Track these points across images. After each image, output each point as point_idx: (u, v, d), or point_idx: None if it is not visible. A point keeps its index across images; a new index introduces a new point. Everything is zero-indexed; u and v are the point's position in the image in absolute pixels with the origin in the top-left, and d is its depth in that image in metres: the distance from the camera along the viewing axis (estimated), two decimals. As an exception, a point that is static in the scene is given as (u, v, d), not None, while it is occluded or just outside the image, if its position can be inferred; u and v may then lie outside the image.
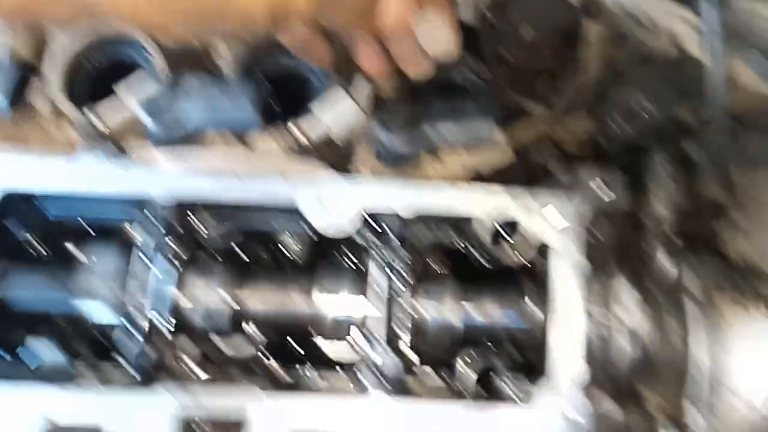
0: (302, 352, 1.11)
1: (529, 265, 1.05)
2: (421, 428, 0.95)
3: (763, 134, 1.04)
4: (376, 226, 1.01)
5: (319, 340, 1.09)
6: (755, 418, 0.97)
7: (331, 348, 1.10)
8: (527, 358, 1.06)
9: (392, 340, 1.00)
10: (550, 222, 1.01)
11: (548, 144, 1.23)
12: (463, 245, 1.06)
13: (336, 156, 1.19)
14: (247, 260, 1.09)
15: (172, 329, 1.00)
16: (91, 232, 1.09)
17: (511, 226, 1.02)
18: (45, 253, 1.08)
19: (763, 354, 0.93)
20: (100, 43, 1.30)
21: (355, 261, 1.09)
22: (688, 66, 0.97)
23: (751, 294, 0.97)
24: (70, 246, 1.07)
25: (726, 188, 1.03)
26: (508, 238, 1.02)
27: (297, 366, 1.08)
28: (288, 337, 1.11)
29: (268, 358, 1.09)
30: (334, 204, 1.00)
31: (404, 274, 1.02)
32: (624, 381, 1.00)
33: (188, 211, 1.01)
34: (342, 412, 0.95)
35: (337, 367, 1.07)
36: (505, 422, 0.95)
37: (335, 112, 1.17)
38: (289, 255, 1.08)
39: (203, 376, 1.00)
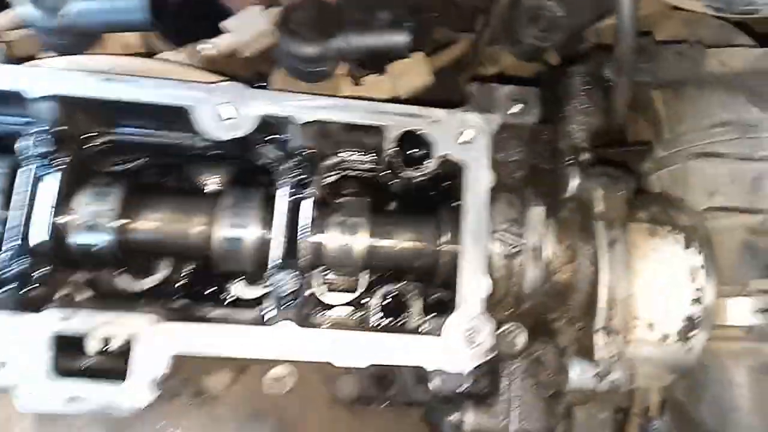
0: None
1: (437, 182, 1.00)
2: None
3: (678, 53, 1.01)
4: (271, 132, 0.95)
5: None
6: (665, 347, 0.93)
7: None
8: (437, 283, 1.02)
9: (293, 264, 0.95)
10: (461, 138, 0.96)
11: (468, 67, 1.19)
12: (369, 159, 1.01)
13: (248, 72, 1.13)
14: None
15: (56, 254, 0.93)
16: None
17: (420, 141, 0.97)
18: None
19: (673, 280, 0.89)
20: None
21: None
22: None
23: (666, 223, 0.93)
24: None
25: (637, 109, 1.00)
26: (415, 151, 0.97)
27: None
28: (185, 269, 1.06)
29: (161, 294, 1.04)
30: (230, 110, 0.93)
31: (306, 191, 0.96)
32: (530, 305, 0.96)
33: (74, 110, 0.93)
34: (238, 339, 0.89)
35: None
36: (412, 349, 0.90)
37: (246, 26, 1.11)
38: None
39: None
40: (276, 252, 0.95)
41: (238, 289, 1.08)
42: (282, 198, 0.97)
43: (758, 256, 0.96)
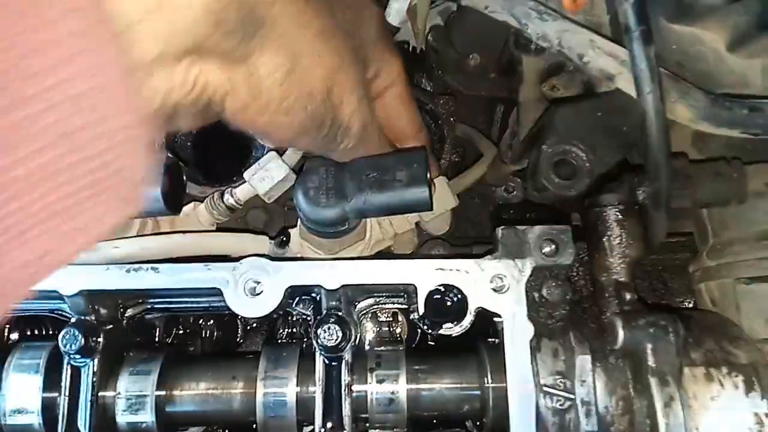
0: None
1: (473, 337, 0.97)
2: None
3: (716, 174, 0.95)
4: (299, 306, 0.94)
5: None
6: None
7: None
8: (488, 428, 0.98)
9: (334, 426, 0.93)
10: (494, 288, 0.93)
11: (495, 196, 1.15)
12: (403, 316, 0.98)
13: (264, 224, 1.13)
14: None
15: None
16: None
17: (455, 294, 0.94)
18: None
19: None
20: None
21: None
22: (625, 105, 0.88)
23: (723, 363, 0.88)
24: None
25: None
26: (449, 305, 0.94)
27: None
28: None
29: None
30: (256, 284, 0.92)
31: (342, 352, 0.94)
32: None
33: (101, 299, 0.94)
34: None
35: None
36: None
37: (267, 178, 1.10)
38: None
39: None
40: (319, 411, 0.94)
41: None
42: (319, 362, 0.96)
43: (829, 388, 0.89)
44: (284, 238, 1.06)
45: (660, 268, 1.25)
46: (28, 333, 1.14)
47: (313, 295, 0.98)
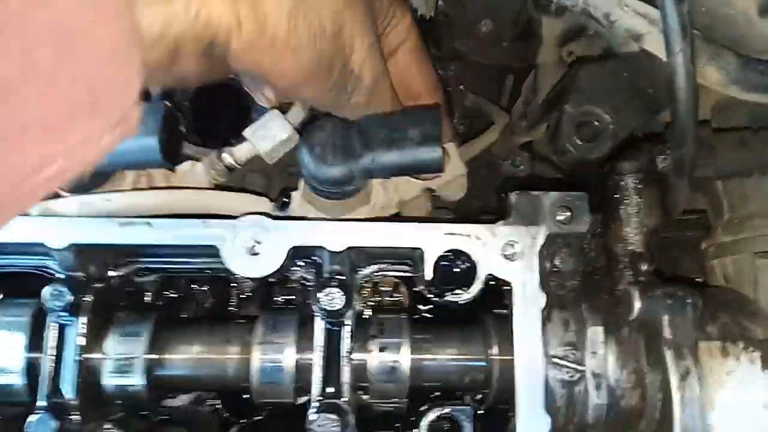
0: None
1: (482, 304, 0.93)
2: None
3: (740, 143, 0.91)
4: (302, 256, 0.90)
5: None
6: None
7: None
8: (491, 401, 0.95)
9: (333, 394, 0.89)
10: (506, 254, 0.89)
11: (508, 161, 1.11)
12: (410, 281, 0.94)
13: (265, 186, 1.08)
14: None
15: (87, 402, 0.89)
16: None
17: (463, 260, 0.90)
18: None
19: (753, 408, 0.81)
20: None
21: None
22: (650, 67, 0.84)
23: (739, 338, 0.84)
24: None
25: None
26: (456, 272, 0.90)
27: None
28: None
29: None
30: (256, 244, 0.87)
31: (343, 317, 0.90)
32: (593, 433, 0.88)
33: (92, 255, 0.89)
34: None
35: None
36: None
37: (267, 135, 1.05)
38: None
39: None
40: (317, 378, 0.90)
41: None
42: (319, 327, 0.91)
43: None
44: (286, 200, 1.01)
45: (670, 245, 1.21)
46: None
47: (315, 258, 0.93)
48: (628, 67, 0.87)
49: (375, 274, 0.99)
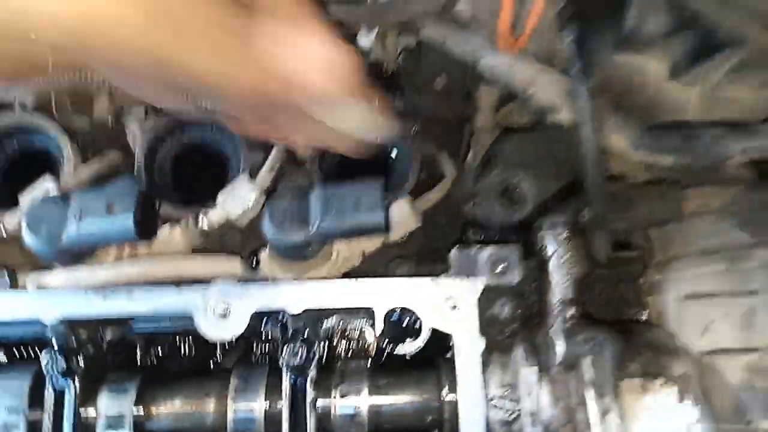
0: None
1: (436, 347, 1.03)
2: None
3: (656, 196, 1.01)
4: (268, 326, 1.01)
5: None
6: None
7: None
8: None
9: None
10: (448, 306, 0.99)
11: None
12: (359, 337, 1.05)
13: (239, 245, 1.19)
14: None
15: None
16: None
17: (410, 314, 1.01)
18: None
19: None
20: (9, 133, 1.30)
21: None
22: (566, 136, 0.94)
23: (659, 375, 0.94)
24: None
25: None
26: (404, 325, 1.01)
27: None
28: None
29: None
30: (225, 308, 0.99)
31: (305, 370, 1.01)
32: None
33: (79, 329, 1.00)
34: None
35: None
36: None
37: (235, 200, 1.16)
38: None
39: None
40: (285, 427, 1.00)
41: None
42: (286, 380, 1.02)
43: (758, 396, 0.96)
44: (255, 260, 1.12)
45: (615, 279, 1.31)
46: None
47: (280, 316, 1.04)
48: (546, 137, 0.98)
49: (338, 325, 1.10)
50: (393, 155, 1.41)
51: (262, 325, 1.06)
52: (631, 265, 1.24)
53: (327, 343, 1.11)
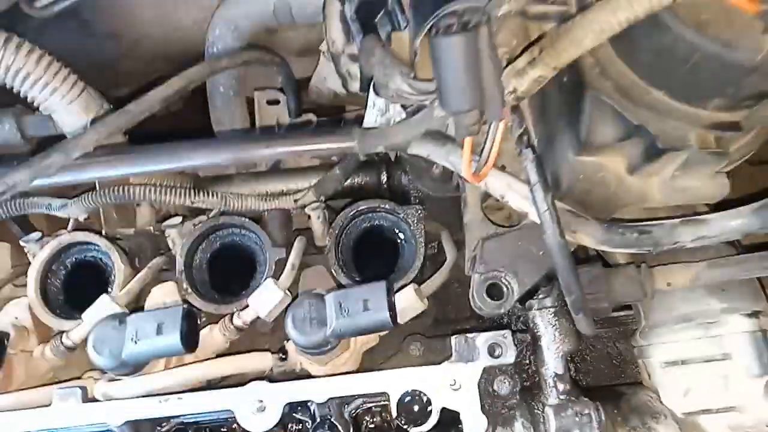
0: None
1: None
2: None
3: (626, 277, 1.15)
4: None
5: None
6: None
7: None
8: None
9: None
10: (453, 389, 1.13)
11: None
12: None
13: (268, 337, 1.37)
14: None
15: None
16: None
17: (420, 396, 1.15)
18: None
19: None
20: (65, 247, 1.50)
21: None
22: (539, 235, 1.08)
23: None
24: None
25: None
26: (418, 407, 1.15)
27: None
28: None
29: None
30: (261, 406, 1.15)
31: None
32: None
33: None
34: None
35: None
36: None
37: (264, 302, 1.34)
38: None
39: None
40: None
41: None
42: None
43: (740, 452, 1.06)
44: (282, 355, 1.29)
45: (614, 338, 1.43)
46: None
47: (308, 404, 1.20)
48: (522, 236, 1.12)
49: (361, 406, 1.26)
50: (401, 237, 1.57)
51: (295, 412, 1.21)
52: (629, 325, 1.36)
53: (354, 422, 1.26)
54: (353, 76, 1.46)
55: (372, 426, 1.33)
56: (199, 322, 1.33)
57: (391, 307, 1.14)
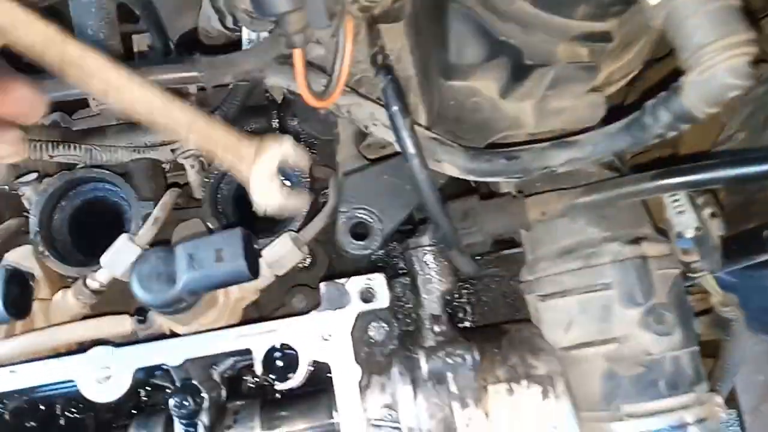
0: None
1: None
2: None
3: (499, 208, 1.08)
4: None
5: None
6: None
7: None
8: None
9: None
10: (323, 338, 1.04)
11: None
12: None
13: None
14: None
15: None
16: None
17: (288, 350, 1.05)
18: None
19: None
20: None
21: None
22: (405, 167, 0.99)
23: (524, 377, 1.00)
24: None
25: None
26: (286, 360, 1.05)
27: None
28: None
29: None
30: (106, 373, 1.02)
31: (198, 416, 1.05)
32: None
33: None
34: None
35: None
36: None
37: (118, 261, 1.19)
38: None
39: None
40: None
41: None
42: (178, 428, 1.06)
43: (620, 382, 1.02)
44: (141, 317, 1.15)
45: (508, 277, 1.37)
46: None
47: (166, 369, 1.08)
48: (387, 170, 1.02)
49: (233, 367, 1.15)
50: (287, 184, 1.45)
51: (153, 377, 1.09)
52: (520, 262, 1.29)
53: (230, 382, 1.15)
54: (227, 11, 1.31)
55: (253, 384, 1.22)
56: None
57: (250, 256, 1.02)
